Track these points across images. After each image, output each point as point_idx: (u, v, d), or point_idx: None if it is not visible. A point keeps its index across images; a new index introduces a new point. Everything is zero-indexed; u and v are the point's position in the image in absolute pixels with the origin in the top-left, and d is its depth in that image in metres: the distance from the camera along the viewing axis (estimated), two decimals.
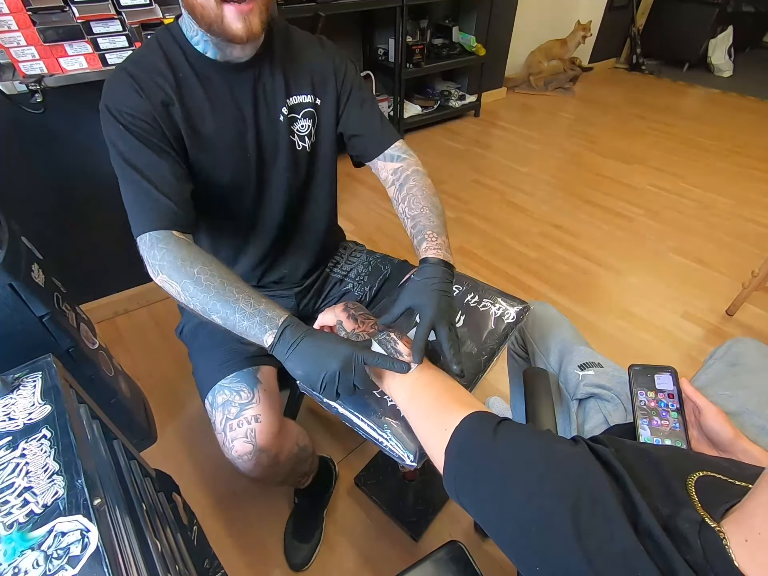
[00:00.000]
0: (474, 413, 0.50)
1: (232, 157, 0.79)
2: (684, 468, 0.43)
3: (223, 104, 0.76)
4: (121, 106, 0.68)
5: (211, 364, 0.85)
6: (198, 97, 0.74)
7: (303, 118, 0.83)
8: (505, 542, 0.43)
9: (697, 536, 0.35)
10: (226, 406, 0.79)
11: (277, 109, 0.80)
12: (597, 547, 0.35)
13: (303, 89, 0.82)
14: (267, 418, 0.79)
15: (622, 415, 0.79)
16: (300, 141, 0.84)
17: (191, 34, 0.73)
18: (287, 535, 1.15)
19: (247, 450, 0.77)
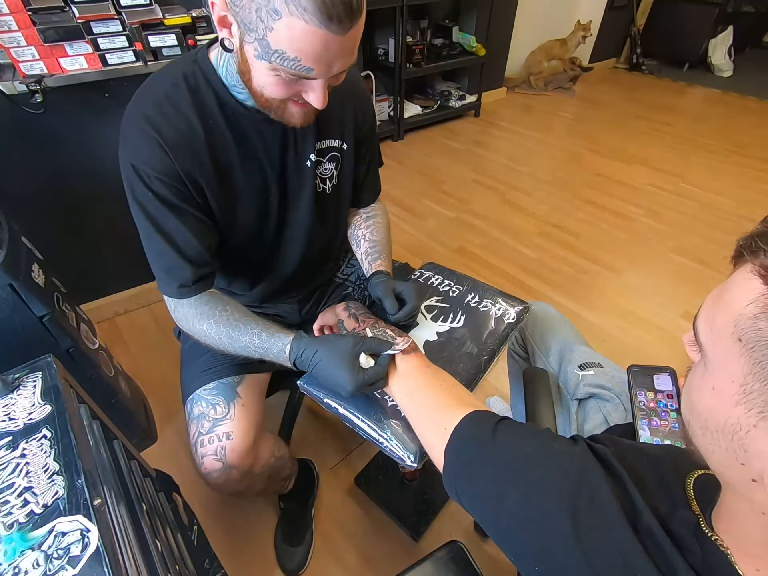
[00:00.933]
0: (473, 412, 0.50)
1: (255, 203, 0.77)
2: (683, 467, 0.43)
3: (253, 152, 0.73)
4: (148, 169, 0.65)
5: (194, 369, 0.85)
6: (229, 147, 0.71)
7: (328, 161, 0.82)
8: (504, 542, 0.43)
9: (694, 539, 0.35)
10: (201, 419, 0.79)
11: (306, 154, 0.78)
12: (595, 546, 0.35)
13: (332, 133, 0.81)
14: (239, 434, 0.78)
15: (622, 415, 0.79)
16: (321, 183, 0.83)
17: (233, 83, 0.67)
18: (277, 542, 1.13)
19: (216, 467, 0.77)
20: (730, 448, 0.31)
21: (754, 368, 0.28)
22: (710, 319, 0.33)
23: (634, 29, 4.41)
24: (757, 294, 0.29)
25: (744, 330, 0.29)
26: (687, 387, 0.37)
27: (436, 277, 0.92)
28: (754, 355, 0.28)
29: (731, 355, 0.30)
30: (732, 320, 0.30)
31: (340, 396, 0.70)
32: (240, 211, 0.76)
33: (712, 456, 0.34)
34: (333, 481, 1.27)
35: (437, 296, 0.88)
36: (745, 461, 0.30)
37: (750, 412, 0.29)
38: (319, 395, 0.72)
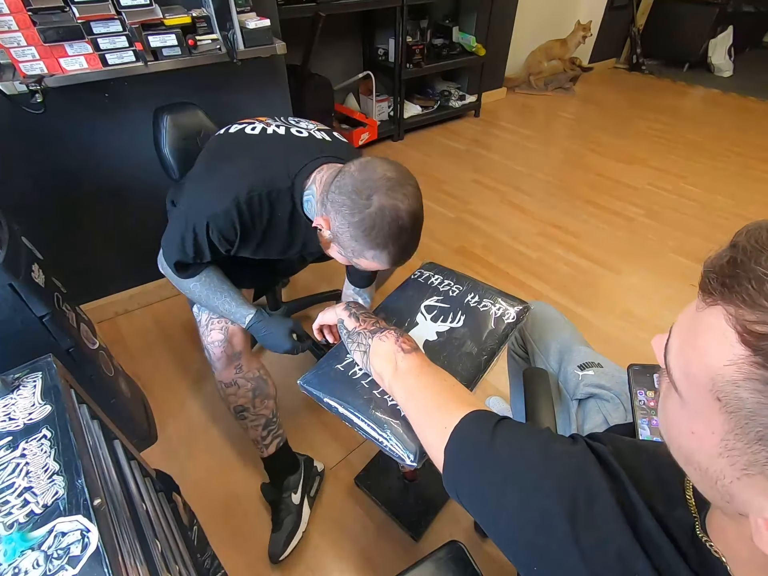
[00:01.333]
0: (473, 412, 0.50)
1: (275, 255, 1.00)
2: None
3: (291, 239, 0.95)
4: (215, 231, 0.84)
5: None
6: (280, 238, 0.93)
7: None
8: (503, 541, 0.43)
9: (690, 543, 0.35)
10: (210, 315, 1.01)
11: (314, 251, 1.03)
12: (593, 546, 0.35)
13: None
14: (237, 327, 1.01)
15: (621, 415, 0.79)
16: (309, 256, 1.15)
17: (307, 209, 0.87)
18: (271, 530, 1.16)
19: (219, 338, 1.00)
20: (715, 488, 0.30)
21: (736, 429, 0.27)
22: (684, 363, 0.30)
23: (634, 29, 4.40)
24: (735, 355, 0.26)
25: (723, 393, 0.27)
26: (663, 412, 0.34)
27: (436, 277, 0.92)
28: (735, 419, 0.27)
29: (710, 410, 0.28)
30: (709, 377, 0.28)
31: (341, 396, 0.70)
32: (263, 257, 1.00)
33: (697, 484, 0.33)
34: (333, 481, 1.27)
35: (437, 296, 0.88)
36: (730, 501, 0.29)
37: (733, 466, 0.28)
38: (320, 395, 0.72)
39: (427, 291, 0.89)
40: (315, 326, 0.83)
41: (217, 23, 1.31)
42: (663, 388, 0.34)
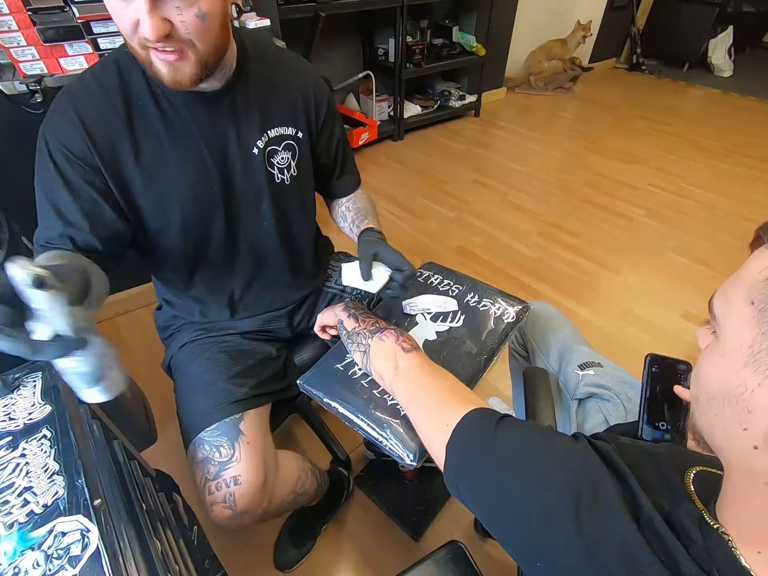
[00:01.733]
0: (475, 410, 0.50)
1: (194, 190, 0.73)
2: (681, 463, 0.43)
3: (186, 137, 0.70)
4: (56, 142, 0.64)
5: (194, 409, 0.80)
6: (155, 130, 0.68)
7: (284, 150, 0.79)
8: (505, 538, 0.43)
9: (698, 531, 0.35)
10: (205, 464, 0.74)
11: (251, 141, 0.75)
12: (598, 540, 0.36)
13: (283, 120, 0.78)
14: (248, 477, 0.73)
15: (621, 415, 0.79)
16: (279, 174, 0.80)
17: None
18: (283, 531, 1.15)
19: (227, 515, 0.73)
20: (734, 413, 0.32)
21: (764, 327, 0.30)
22: (726, 291, 0.35)
23: (634, 29, 4.41)
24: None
25: (757, 292, 0.31)
26: (696, 368, 0.38)
27: (436, 276, 0.92)
28: (764, 315, 0.30)
29: (743, 319, 0.32)
30: (746, 287, 0.32)
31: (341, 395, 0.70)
32: (176, 198, 0.72)
33: (714, 430, 0.35)
34: None
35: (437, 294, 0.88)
36: (748, 425, 0.31)
37: (757, 371, 0.30)
38: (319, 395, 0.72)
39: (427, 291, 0.89)
40: (316, 328, 0.82)
41: None
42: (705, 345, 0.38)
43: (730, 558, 0.33)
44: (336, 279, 1.05)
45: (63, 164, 0.65)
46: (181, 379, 0.86)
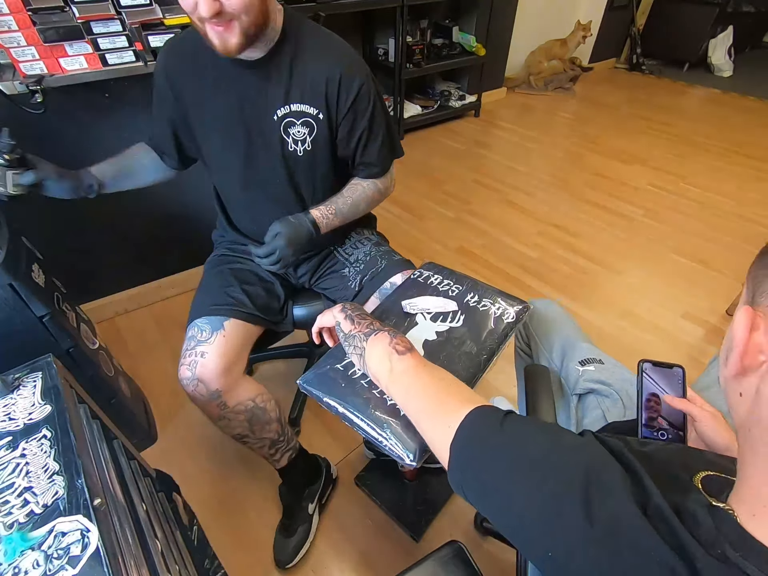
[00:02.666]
0: (479, 407, 0.50)
1: (220, 134, 0.92)
2: (691, 465, 0.43)
3: (224, 93, 0.87)
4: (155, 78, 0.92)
5: (201, 301, 0.98)
6: (205, 82, 0.87)
7: (301, 125, 0.89)
8: (515, 533, 0.43)
9: (706, 514, 0.35)
10: (190, 339, 0.92)
11: (273, 109, 0.87)
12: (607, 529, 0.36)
13: (307, 99, 0.87)
14: (211, 357, 0.89)
15: (620, 412, 0.79)
16: (293, 143, 0.91)
17: None
18: (277, 531, 1.15)
19: (187, 375, 0.89)
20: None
21: None
22: None
23: (634, 29, 4.41)
24: None
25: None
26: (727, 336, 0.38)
27: (436, 276, 0.92)
28: None
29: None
30: None
31: (340, 395, 0.70)
32: (213, 134, 0.93)
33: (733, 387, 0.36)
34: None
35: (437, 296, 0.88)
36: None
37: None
38: (319, 394, 0.72)
39: (427, 291, 0.89)
40: (314, 330, 0.82)
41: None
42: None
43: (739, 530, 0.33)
44: (346, 247, 1.14)
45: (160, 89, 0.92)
46: (206, 274, 1.07)
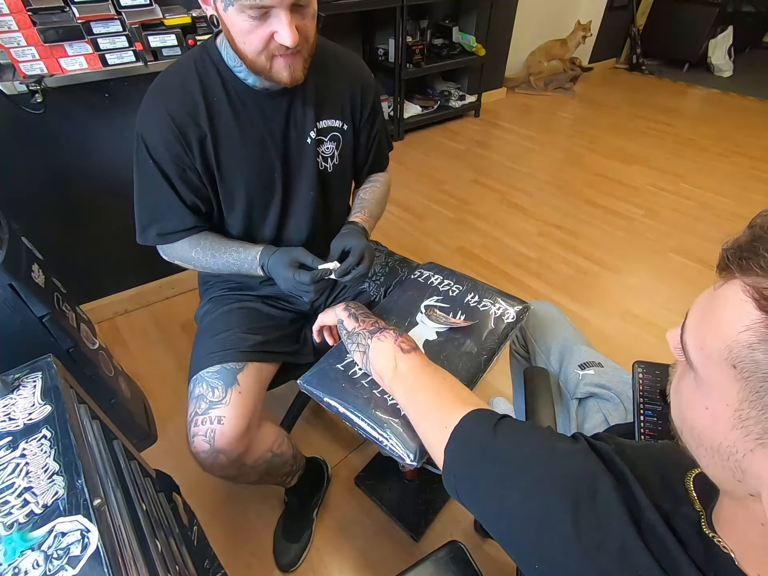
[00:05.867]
0: (474, 411, 0.50)
1: (258, 174, 0.84)
2: (683, 464, 0.43)
3: (253, 128, 0.81)
4: (152, 140, 0.76)
5: (203, 350, 0.87)
6: (228, 122, 0.79)
7: (329, 141, 0.88)
8: (505, 539, 0.43)
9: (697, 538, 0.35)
10: (199, 399, 0.81)
11: (306, 132, 0.85)
12: (597, 544, 0.35)
13: (333, 113, 0.87)
14: (231, 420, 0.79)
15: (622, 415, 0.79)
16: (323, 162, 0.89)
17: (234, 64, 0.77)
18: (277, 534, 1.14)
19: (204, 449, 0.79)
20: (726, 467, 0.30)
21: (751, 396, 0.28)
22: (700, 338, 0.32)
23: (634, 29, 4.40)
24: (751, 321, 0.27)
25: (739, 358, 0.28)
26: (676, 395, 0.36)
27: (436, 276, 0.92)
28: (750, 385, 0.27)
29: (726, 380, 0.29)
30: (725, 345, 0.29)
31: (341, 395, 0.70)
32: (246, 182, 0.84)
33: (707, 468, 0.34)
34: (333, 481, 1.27)
35: (437, 296, 0.88)
36: (742, 479, 0.30)
37: (747, 438, 0.28)
38: (320, 394, 0.72)
39: (427, 291, 0.89)
40: (315, 328, 0.82)
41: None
42: (678, 371, 0.35)
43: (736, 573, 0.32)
44: None
45: (162, 159, 0.77)
46: (202, 322, 0.96)
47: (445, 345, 0.78)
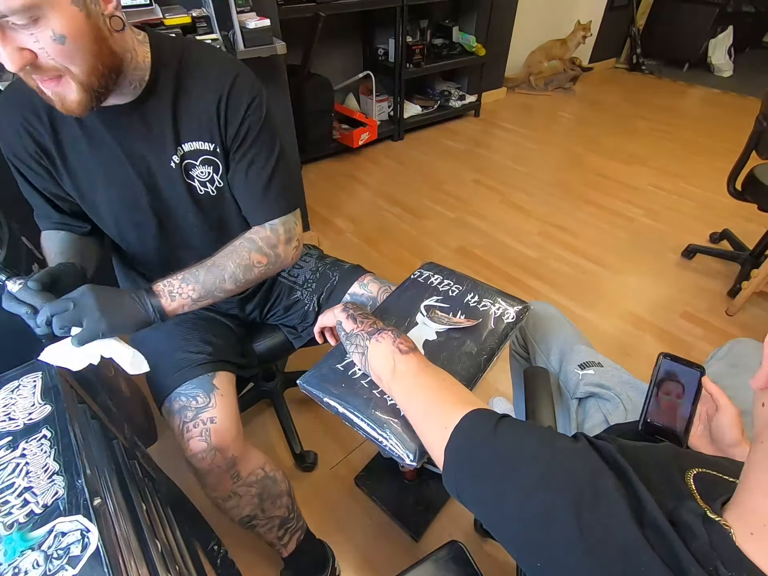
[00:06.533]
0: (474, 411, 0.50)
1: (122, 196, 0.76)
2: (682, 464, 0.43)
3: (104, 146, 0.71)
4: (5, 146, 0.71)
5: (163, 373, 0.84)
6: (76, 137, 0.70)
7: (202, 165, 0.76)
8: (506, 538, 0.43)
9: (701, 526, 0.35)
10: (183, 411, 0.79)
11: (167, 155, 0.74)
12: (599, 541, 0.35)
13: (199, 135, 0.74)
14: (223, 420, 0.79)
15: (621, 415, 0.79)
16: (201, 186, 0.78)
17: None
18: None
19: (202, 447, 0.77)
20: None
21: None
22: None
23: (634, 29, 4.40)
24: None
25: None
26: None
27: (436, 276, 0.92)
28: None
29: None
30: None
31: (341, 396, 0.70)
32: (104, 200, 0.76)
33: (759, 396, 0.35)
34: (333, 481, 1.27)
35: (437, 296, 0.88)
36: None
37: None
38: (319, 395, 0.72)
39: (427, 291, 0.89)
40: (315, 329, 0.82)
41: (217, 23, 1.31)
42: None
43: (733, 549, 0.33)
44: (290, 269, 1.05)
45: (18, 164, 0.73)
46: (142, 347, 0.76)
47: (445, 345, 0.78)
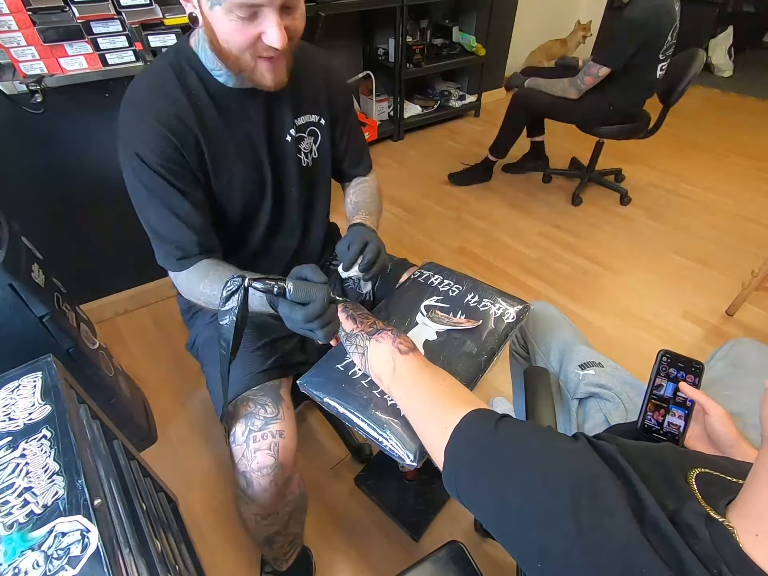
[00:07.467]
0: (474, 411, 0.50)
1: (251, 176, 0.83)
2: (683, 464, 0.43)
3: (239, 127, 0.79)
4: (151, 155, 0.70)
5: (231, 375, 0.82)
6: (215, 122, 0.77)
7: (308, 135, 0.88)
8: (506, 539, 0.43)
9: (704, 527, 0.35)
10: (250, 417, 0.78)
11: (286, 130, 0.84)
12: (598, 543, 0.35)
13: (309, 109, 0.87)
14: (289, 434, 0.79)
15: (622, 415, 0.79)
16: (305, 158, 0.89)
17: (213, 67, 0.74)
18: None
19: (269, 463, 0.76)
20: None
21: None
22: None
23: None
24: None
25: None
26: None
27: (436, 276, 0.92)
28: None
29: None
30: None
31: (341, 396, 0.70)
32: (239, 179, 0.81)
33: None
34: (333, 481, 1.27)
35: (437, 296, 0.88)
36: None
37: None
38: (319, 395, 0.72)
39: (427, 291, 0.89)
40: None
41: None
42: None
43: (736, 550, 0.32)
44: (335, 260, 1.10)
45: (166, 174, 0.72)
46: (209, 351, 0.90)
47: (445, 345, 0.78)
